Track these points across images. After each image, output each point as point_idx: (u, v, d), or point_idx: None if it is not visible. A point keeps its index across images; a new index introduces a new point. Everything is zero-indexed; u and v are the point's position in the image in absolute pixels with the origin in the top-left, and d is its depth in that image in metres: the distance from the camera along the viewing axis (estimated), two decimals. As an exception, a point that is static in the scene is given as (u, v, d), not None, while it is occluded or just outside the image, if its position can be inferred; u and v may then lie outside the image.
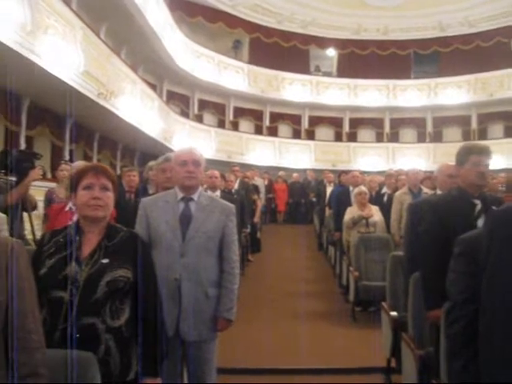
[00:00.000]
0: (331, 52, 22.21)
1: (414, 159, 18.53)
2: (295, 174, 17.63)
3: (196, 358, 3.22)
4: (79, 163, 4.21)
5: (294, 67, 20.98)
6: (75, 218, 3.86)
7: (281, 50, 20.89)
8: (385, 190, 8.25)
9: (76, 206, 2.49)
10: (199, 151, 3.31)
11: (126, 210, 4.43)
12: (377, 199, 7.92)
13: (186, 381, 3.36)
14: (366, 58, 21.10)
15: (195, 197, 3.25)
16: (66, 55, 8.49)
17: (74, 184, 2.47)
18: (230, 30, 19.93)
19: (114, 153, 14.16)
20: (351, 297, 7.01)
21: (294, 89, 20.97)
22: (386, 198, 7.87)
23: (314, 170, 17.86)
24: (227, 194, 7.30)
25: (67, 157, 10.64)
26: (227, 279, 3.24)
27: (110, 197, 2.44)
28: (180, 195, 3.24)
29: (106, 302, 2.30)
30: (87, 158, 11.94)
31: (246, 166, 15.64)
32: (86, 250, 2.39)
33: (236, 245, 3.33)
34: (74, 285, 2.30)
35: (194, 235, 3.15)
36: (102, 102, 9.95)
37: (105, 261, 2.36)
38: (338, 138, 21.91)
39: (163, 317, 2.56)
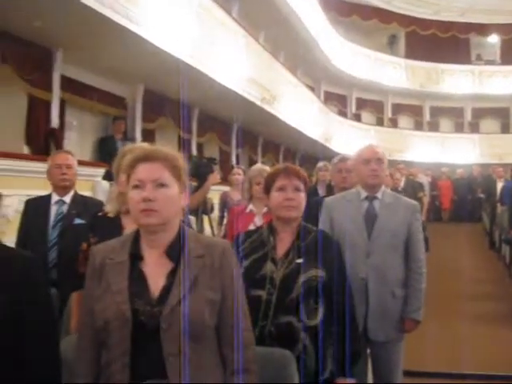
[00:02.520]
0: (494, 38, 20.93)
1: None
2: (460, 170, 16.89)
3: (382, 358, 3.18)
4: (256, 167, 4.33)
5: (454, 58, 20.12)
6: (256, 219, 4.03)
7: (439, 41, 20.11)
8: None
9: (270, 208, 2.56)
10: (381, 149, 3.27)
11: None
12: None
13: (370, 381, 3.33)
14: (533, 42, 19.65)
15: (379, 195, 3.20)
16: (231, 64, 8.84)
17: (267, 186, 2.54)
18: (385, 25, 19.59)
19: (276, 155, 14.51)
20: (534, 299, 6.56)
21: (455, 80, 20.10)
22: None
23: (480, 165, 16.99)
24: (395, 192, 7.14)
25: (234, 161, 11.09)
26: (414, 278, 3.16)
27: (302, 197, 2.48)
28: (363, 194, 3.21)
29: (302, 301, 2.33)
30: (252, 161, 12.34)
31: (407, 164, 15.23)
32: (281, 250, 2.44)
33: (422, 243, 3.24)
34: (271, 284, 2.36)
35: (379, 234, 3.11)
36: (265, 107, 10.22)
37: (299, 261, 2.39)
38: (505, 129, 20.60)
39: (356, 316, 2.55)
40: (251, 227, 3.82)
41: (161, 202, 1.69)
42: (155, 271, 1.72)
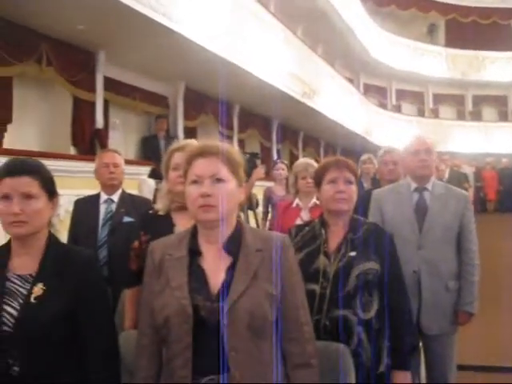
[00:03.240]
0: (536, 23, 20.42)
1: None
2: (505, 160, 16.53)
3: (435, 351, 3.13)
4: (302, 161, 4.31)
5: (496, 44, 19.68)
6: (303, 213, 4.02)
7: (480, 28, 19.77)
8: None
9: (321, 201, 2.54)
10: (430, 140, 3.21)
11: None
12: None
13: (423, 374, 3.29)
14: None
15: (429, 186, 3.14)
16: (270, 58, 8.84)
17: (317, 179, 2.52)
18: (424, 14, 19.36)
19: (317, 150, 14.47)
20: None
21: (497, 68, 19.70)
22: None
23: (527, 154, 16.64)
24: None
25: (275, 156, 11.09)
26: (467, 271, 3.09)
27: (353, 190, 2.45)
28: (413, 185, 3.15)
29: (356, 294, 2.30)
30: (293, 156, 12.33)
31: (450, 155, 15.00)
32: (333, 243, 2.42)
33: (474, 235, 3.17)
34: (325, 278, 2.35)
35: (430, 227, 3.04)
36: (306, 101, 10.20)
37: (352, 254, 2.37)
38: (551, 116, 20.11)
39: (411, 309, 2.52)
40: (298, 222, 3.81)
41: (219, 198, 1.68)
42: (214, 266, 1.72)
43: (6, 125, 6.04)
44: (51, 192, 1.83)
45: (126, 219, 3.68)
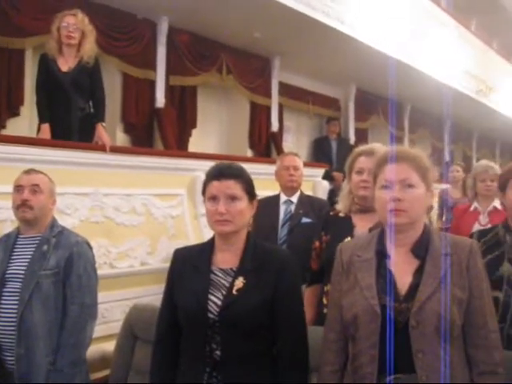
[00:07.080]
0: None
1: None
2: None
3: None
4: (482, 163, 4.18)
5: None
6: (481, 217, 3.91)
7: None
8: None
9: (505, 206, 2.48)
10: None
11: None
12: None
13: None
14: None
15: None
16: (443, 56, 8.60)
17: (502, 183, 2.47)
18: None
19: (492, 151, 13.77)
20: None
21: None
22: None
23: None
24: None
25: (447, 157, 10.75)
26: None
27: None
28: None
29: None
30: (466, 157, 11.87)
31: None
32: None
33: None
34: (509, 285, 2.30)
35: None
36: (481, 99, 9.78)
37: None
38: None
39: None
40: (476, 226, 3.72)
41: (409, 203, 1.73)
42: (401, 269, 1.76)
43: (192, 129, 6.55)
44: (251, 194, 2.00)
45: (304, 220, 3.84)
